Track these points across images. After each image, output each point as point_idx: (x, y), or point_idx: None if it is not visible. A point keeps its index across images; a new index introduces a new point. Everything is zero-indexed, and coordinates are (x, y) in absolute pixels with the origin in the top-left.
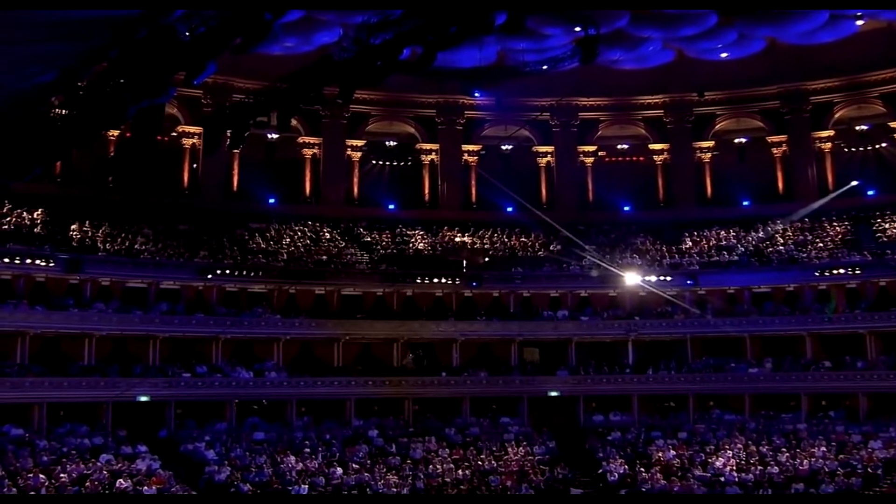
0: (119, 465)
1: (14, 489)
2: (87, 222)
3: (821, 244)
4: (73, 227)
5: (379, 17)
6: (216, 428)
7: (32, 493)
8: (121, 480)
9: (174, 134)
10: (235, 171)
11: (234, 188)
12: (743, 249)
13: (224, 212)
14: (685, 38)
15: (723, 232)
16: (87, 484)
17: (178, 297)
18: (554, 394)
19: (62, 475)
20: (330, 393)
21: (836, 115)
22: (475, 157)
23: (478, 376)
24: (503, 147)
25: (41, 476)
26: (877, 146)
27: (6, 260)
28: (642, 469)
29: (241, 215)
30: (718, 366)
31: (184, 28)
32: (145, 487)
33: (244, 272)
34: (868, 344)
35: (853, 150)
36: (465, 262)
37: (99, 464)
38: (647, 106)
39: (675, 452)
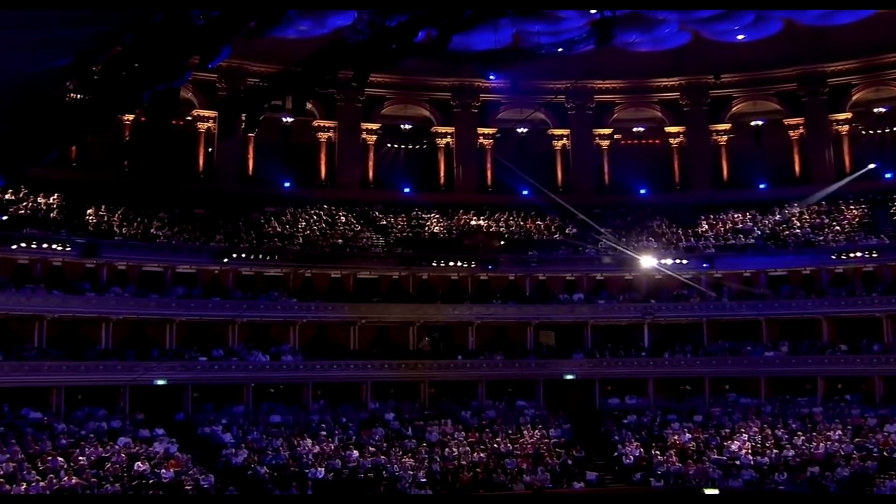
0: (137, 448)
1: (34, 472)
2: (103, 207)
3: (837, 227)
4: (89, 211)
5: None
6: (233, 411)
7: (52, 475)
8: (138, 463)
9: (189, 118)
10: (251, 155)
11: (250, 172)
12: (759, 232)
13: (239, 196)
14: (701, 19)
15: (739, 215)
16: (107, 466)
17: (194, 281)
18: (570, 377)
19: (81, 458)
20: (346, 376)
21: (854, 98)
22: (490, 140)
23: (494, 359)
24: (518, 130)
25: (60, 459)
26: (895, 129)
27: (23, 245)
28: (658, 452)
29: (257, 199)
30: (734, 349)
31: (198, 12)
32: (163, 470)
33: (260, 256)
34: (885, 327)
35: (871, 132)
36: (480, 245)
37: (117, 447)
38: (663, 88)
39: (690, 436)
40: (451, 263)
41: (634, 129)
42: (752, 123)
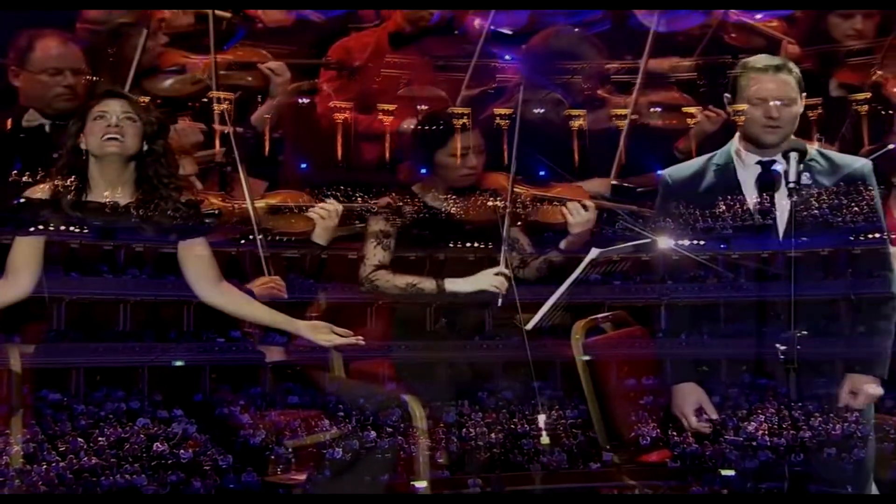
0: (155, 428)
1: (54, 452)
2: (119, 189)
3: (856, 208)
4: (105, 193)
5: None
6: (251, 392)
7: (72, 456)
8: (157, 444)
9: (205, 100)
10: (267, 137)
11: (266, 153)
12: (777, 213)
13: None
14: None
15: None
16: (126, 447)
17: None
18: (586, 358)
19: (100, 439)
20: (363, 357)
21: (873, 77)
22: (506, 121)
23: (510, 341)
24: (534, 110)
25: (80, 439)
26: None
27: (40, 227)
28: (674, 433)
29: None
30: (752, 330)
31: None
32: (181, 451)
33: (276, 237)
34: None
35: (890, 112)
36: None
37: (136, 427)
38: (680, 68)
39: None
40: (468, 244)
41: (651, 110)
42: (771, 104)
